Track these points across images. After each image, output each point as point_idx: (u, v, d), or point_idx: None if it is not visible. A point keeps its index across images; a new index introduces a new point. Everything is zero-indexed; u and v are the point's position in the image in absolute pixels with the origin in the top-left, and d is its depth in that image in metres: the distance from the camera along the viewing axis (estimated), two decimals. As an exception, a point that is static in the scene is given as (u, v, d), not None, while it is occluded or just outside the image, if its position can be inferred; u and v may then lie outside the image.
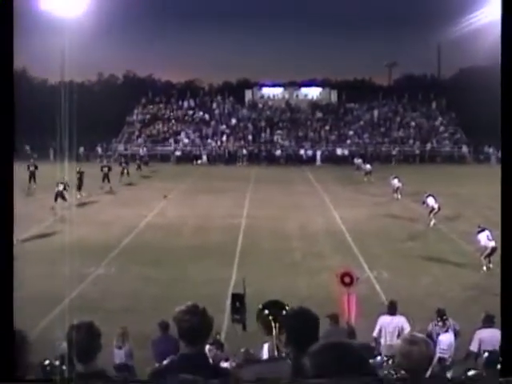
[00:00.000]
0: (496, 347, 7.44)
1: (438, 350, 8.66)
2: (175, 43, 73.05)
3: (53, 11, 27.40)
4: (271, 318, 3.50)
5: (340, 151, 48.60)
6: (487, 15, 32.65)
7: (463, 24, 37.23)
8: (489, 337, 8.32)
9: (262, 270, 15.10)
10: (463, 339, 9.11)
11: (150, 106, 55.52)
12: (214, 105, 55.52)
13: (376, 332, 9.53)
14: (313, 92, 57.12)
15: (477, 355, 8.34)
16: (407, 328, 9.26)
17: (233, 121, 53.34)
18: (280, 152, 48.45)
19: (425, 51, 60.51)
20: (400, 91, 55.71)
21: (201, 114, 54.22)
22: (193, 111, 54.78)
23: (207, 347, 7.31)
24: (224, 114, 54.54)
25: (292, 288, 13.60)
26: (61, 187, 23.33)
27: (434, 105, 54.43)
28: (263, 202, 26.54)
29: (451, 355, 8.85)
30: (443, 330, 9.15)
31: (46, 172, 26.78)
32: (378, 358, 7.56)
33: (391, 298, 10.31)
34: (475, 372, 5.85)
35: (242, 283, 4.57)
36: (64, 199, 23.37)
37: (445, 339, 8.94)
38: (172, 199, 27.65)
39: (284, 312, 3.46)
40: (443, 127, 51.88)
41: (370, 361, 6.20)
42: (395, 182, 27.71)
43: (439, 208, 21.42)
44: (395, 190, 27.62)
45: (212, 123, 52.97)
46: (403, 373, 2.93)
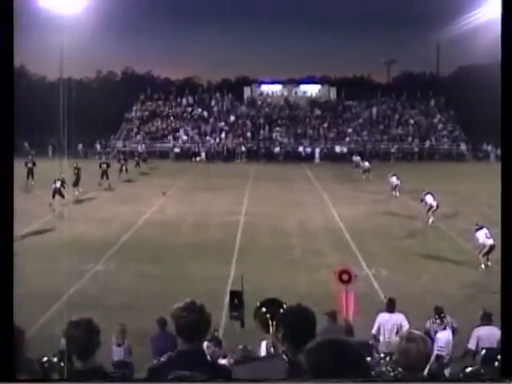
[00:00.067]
0: (494, 345, 7.47)
1: (436, 348, 8.66)
2: (174, 40, 72.76)
3: (51, 8, 27.31)
4: (268, 316, 3.50)
5: (339, 149, 48.52)
6: (486, 14, 32.59)
7: (462, 22, 37.18)
8: (487, 334, 8.34)
9: (261, 267, 15.11)
10: (461, 337, 9.11)
11: (149, 103, 55.42)
12: (213, 102, 55.42)
13: (375, 329, 9.53)
14: (312, 89, 56.98)
15: (474, 353, 8.37)
16: (406, 325, 9.24)
17: (231, 118, 53.26)
18: (279, 149, 48.37)
19: (424, 49, 60.37)
20: (399, 89, 55.61)
21: (199, 111, 54.12)
22: (191, 108, 54.68)
23: (205, 344, 7.30)
24: (223, 111, 54.45)
25: (291, 285, 13.60)
26: (58, 184, 23.26)
27: (433, 102, 54.35)
28: (262, 199, 26.53)
29: (449, 353, 8.85)
30: (441, 328, 9.16)
31: (45, 169, 26.74)
32: (376, 355, 7.58)
33: (390, 296, 10.30)
34: (473, 369, 5.87)
35: (240, 280, 4.57)
36: (62, 196, 23.33)
37: (443, 337, 8.95)
38: (171, 196, 27.65)
39: (281, 310, 3.46)
40: (442, 125, 51.84)
41: (368, 358, 6.21)
42: (394, 180, 27.69)
43: (438, 206, 21.45)
44: (394, 188, 27.59)
45: (211, 120, 52.88)
46: (401, 370, 2.94)
